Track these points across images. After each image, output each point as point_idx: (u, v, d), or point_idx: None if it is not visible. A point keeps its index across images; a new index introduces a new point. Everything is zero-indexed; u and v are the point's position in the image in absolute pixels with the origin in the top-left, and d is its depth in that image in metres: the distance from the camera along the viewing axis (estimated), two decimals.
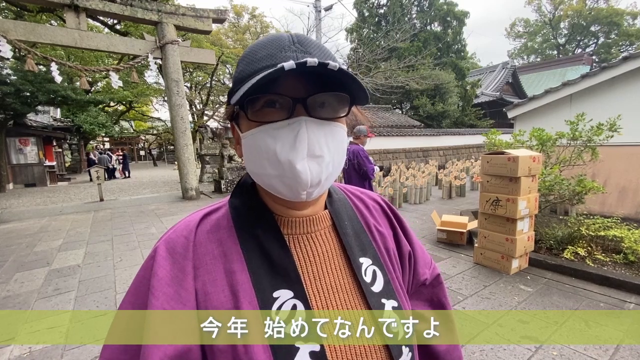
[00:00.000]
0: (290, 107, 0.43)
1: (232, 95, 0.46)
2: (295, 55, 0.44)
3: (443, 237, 4.56)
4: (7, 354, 2.33)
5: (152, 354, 0.41)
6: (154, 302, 0.43)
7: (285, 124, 0.44)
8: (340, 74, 0.41)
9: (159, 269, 0.45)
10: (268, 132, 0.44)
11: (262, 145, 0.45)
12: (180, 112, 8.52)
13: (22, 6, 10.05)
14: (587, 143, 4.14)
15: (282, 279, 0.47)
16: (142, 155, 35.62)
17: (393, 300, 0.54)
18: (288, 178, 0.44)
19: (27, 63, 6.84)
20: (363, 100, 0.47)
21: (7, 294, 3.30)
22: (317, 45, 0.47)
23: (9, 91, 10.46)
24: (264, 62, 0.44)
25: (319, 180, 0.46)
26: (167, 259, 0.47)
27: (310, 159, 0.44)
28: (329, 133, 0.46)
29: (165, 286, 0.44)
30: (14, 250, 4.80)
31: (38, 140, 14.05)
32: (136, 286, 0.47)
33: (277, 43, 0.45)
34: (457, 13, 21.10)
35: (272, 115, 0.44)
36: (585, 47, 34.59)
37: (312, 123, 0.44)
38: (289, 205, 0.52)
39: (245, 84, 0.43)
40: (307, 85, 0.44)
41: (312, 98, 0.44)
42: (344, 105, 0.47)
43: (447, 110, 18.62)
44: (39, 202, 9.47)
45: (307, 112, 0.44)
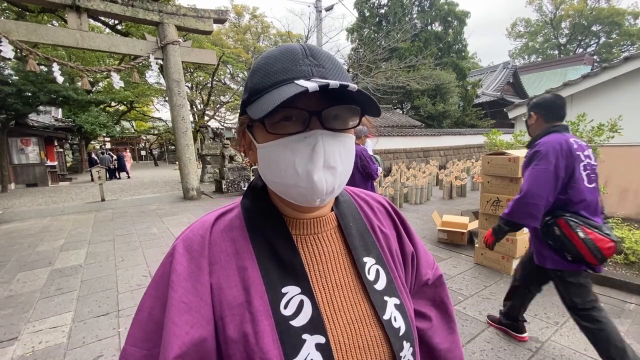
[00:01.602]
0: (307, 119, 0.46)
1: (247, 105, 0.49)
2: (309, 70, 0.46)
3: (444, 237, 4.56)
4: (10, 354, 2.34)
5: (172, 342, 0.44)
6: (173, 295, 0.47)
7: (302, 137, 0.46)
8: (357, 93, 0.43)
9: (177, 265, 0.49)
10: (287, 145, 0.46)
11: (280, 156, 0.47)
12: (181, 113, 8.54)
13: (24, 7, 10.08)
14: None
15: (290, 276, 0.50)
16: (143, 155, 35.69)
17: (395, 298, 0.56)
18: (304, 187, 0.47)
19: (29, 63, 6.86)
20: (375, 113, 0.49)
21: (10, 294, 3.32)
22: (328, 58, 0.49)
23: (10, 91, 10.49)
24: (280, 76, 0.46)
25: (332, 189, 0.49)
26: (185, 255, 0.50)
27: (325, 170, 0.47)
28: (342, 144, 0.49)
29: (183, 281, 0.48)
30: (16, 250, 4.82)
31: (39, 141, 14.08)
32: (157, 281, 0.51)
33: (290, 56, 0.47)
34: (458, 13, 21.10)
35: (289, 128, 0.46)
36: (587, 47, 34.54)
37: (327, 136, 0.47)
38: (299, 208, 0.54)
39: (263, 97, 0.46)
40: (321, 99, 0.46)
41: (327, 111, 0.46)
42: (355, 116, 0.49)
43: (448, 110, 18.61)
44: (40, 202, 9.50)
45: (322, 125, 0.46)
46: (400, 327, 0.53)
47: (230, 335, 0.46)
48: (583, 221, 1.74)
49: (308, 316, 0.48)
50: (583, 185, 1.79)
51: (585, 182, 1.80)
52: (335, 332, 0.49)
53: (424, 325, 0.71)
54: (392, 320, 0.53)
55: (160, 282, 0.50)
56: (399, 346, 0.52)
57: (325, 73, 0.47)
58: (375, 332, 0.52)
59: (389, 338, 0.52)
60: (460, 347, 0.75)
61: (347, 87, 0.42)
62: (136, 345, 0.48)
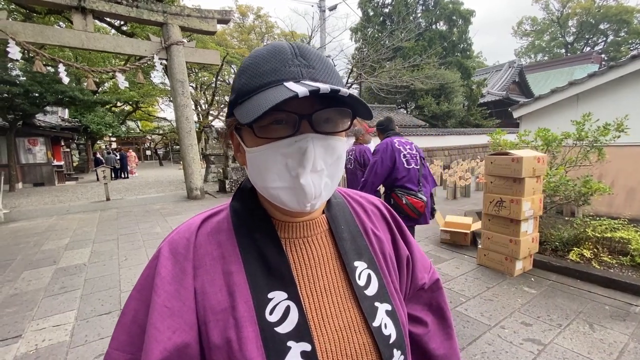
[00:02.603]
0: (297, 123, 0.44)
1: (235, 106, 0.48)
2: (299, 71, 0.45)
3: (446, 237, 4.53)
4: (14, 351, 2.37)
5: (153, 347, 0.44)
6: (155, 299, 0.46)
7: (292, 141, 0.45)
8: (348, 97, 0.42)
9: (161, 268, 0.48)
10: (277, 150, 0.45)
11: (269, 161, 0.46)
12: (185, 112, 8.59)
13: (31, 8, 10.21)
14: (594, 143, 4.09)
15: (277, 281, 0.49)
16: (148, 155, 35.97)
17: (387, 304, 0.54)
18: (294, 192, 0.46)
19: (36, 64, 6.95)
20: (366, 116, 0.48)
21: (15, 292, 3.36)
22: (318, 58, 0.48)
23: (18, 92, 10.64)
24: (269, 78, 0.45)
25: (320, 192, 0.47)
26: (170, 259, 0.49)
27: (313, 174, 0.46)
28: (330, 148, 0.47)
29: (167, 284, 0.47)
30: (22, 248, 4.88)
31: (46, 140, 14.27)
32: (141, 283, 0.50)
33: (279, 56, 0.46)
34: (463, 12, 20.93)
35: (278, 132, 0.45)
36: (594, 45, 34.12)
37: (318, 139, 0.45)
38: (288, 212, 0.53)
39: (251, 100, 0.44)
40: (311, 101, 0.44)
41: (318, 114, 0.45)
42: (346, 118, 0.48)
43: (453, 109, 18.48)
44: (47, 202, 9.61)
45: (312, 128, 0.45)
46: (390, 334, 0.52)
47: (214, 341, 0.45)
48: (405, 192, 2.71)
49: (294, 323, 0.47)
50: (402, 167, 2.76)
51: (405, 165, 2.77)
52: (322, 340, 0.48)
53: (420, 330, 0.69)
54: (382, 328, 0.51)
55: (144, 284, 0.49)
56: (389, 354, 0.50)
57: (315, 74, 0.46)
58: (364, 339, 0.50)
59: (378, 346, 0.50)
60: (458, 354, 0.73)
61: (339, 92, 0.40)
62: (120, 349, 0.48)
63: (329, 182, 0.49)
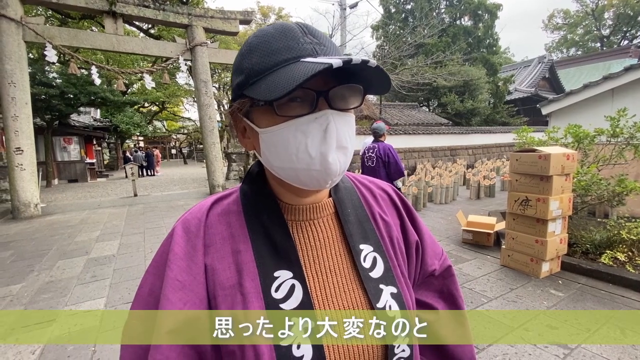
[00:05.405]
0: (314, 100, 0.44)
1: (244, 88, 0.46)
2: (312, 48, 0.45)
3: (469, 237, 4.41)
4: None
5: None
6: (168, 273, 0.49)
7: (312, 118, 0.45)
8: (376, 70, 0.43)
9: (175, 245, 0.51)
10: (297, 127, 0.45)
11: (290, 140, 0.45)
12: (208, 112, 8.82)
13: (66, 14, 10.79)
14: (630, 140, 3.85)
15: (283, 261, 0.51)
16: (173, 153, 37.19)
17: (392, 287, 0.55)
18: (317, 170, 0.46)
19: (71, 67, 7.34)
20: (380, 91, 0.48)
21: (51, 279, 3.59)
22: (325, 36, 0.49)
23: (54, 93, 11.30)
24: (284, 55, 0.44)
25: (343, 169, 0.49)
26: (183, 237, 0.52)
27: (338, 150, 0.47)
28: (348, 124, 0.48)
29: (179, 260, 0.50)
30: (57, 240, 5.19)
31: (80, 139, 15.08)
32: (157, 259, 0.53)
33: (290, 34, 0.45)
34: (489, 6, 20.23)
35: (296, 110, 0.44)
36: (632, 38, 31.96)
37: (337, 115, 0.46)
38: (298, 193, 0.54)
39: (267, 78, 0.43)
40: (328, 78, 0.45)
41: (334, 91, 0.45)
42: (358, 95, 0.48)
43: (477, 107, 17.90)
44: (80, 197, 10.15)
45: (329, 105, 0.45)
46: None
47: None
48: None
49: (298, 300, 0.48)
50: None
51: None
52: (325, 314, 0.49)
53: (430, 317, 0.68)
54: (387, 309, 0.52)
55: (159, 260, 0.52)
56: (392, 338, 0.51)
57: (327, 51, 0.46)
58: (367, 317, 0.51)
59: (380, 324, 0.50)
60: (470, 341, 0.71)
61: (368, 63, 0.41)
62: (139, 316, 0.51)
63: (350, 158, 0.50)
